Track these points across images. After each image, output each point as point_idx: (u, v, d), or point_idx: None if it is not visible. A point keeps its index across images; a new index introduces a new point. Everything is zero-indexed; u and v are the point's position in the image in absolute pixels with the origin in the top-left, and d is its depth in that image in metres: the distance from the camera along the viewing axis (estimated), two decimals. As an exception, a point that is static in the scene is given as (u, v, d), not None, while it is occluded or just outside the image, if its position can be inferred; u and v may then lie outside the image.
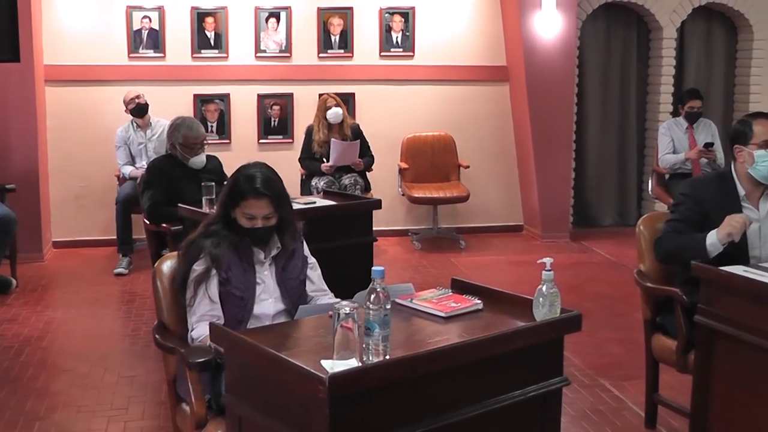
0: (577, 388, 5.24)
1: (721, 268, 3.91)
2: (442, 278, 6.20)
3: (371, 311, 2.70)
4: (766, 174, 4.19)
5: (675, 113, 9.32)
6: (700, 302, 3.99)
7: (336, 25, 9.04)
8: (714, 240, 4.06)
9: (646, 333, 4.54)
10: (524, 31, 8.90)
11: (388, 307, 2.73)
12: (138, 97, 8.13)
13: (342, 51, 9.09)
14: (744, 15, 9.98)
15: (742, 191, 4.25)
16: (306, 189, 8.01)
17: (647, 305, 4.48)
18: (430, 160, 9.11)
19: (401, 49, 9.20)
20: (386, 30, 9.14)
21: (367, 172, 8.40)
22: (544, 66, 8.97)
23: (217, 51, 8.85)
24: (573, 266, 8.18)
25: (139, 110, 8.11)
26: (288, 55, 8.97)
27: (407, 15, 9.15)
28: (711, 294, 3.94)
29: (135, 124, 8.19)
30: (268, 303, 3.69)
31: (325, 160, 8.14)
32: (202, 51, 8.83)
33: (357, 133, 8.30)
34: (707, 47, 10.26)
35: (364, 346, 2.72)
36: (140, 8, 8.70)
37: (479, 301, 3.34)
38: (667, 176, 8.47)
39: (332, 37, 9.05)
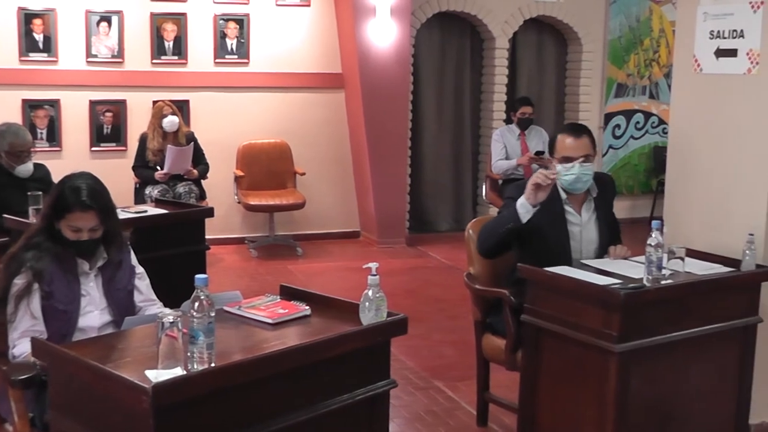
0: (412, 390, 5.31)
1: (546, 268, 4.03)
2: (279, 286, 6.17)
3: (195, 319, 2.67)
4: (566, 185, 4.34)
5: (508, 120, 9.54)
6: (527, 302, 4.12)
7: (169, 30, 8.90)
8: (522, 201, 4.16)
9: (477, 334, 4.64)
10: (359, 39, 8.96)
11: (213, 314, 2.70)
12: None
13: (176, 57, 8.95)
14: (573, 28, 10.34)
15: (563, 195, 4.39)
16: (140, 198, 7.84)
17: (477, 307, 4.58)
18: (266, 167, 9.06)
19: (236, 56, 9.12)
20: (221, 36, 9.05)
21: (202, 180, 8.30)
22: (379, 73, 9.05)
23: (46, 54, 8.56)
24: (409, 271, 8.28)
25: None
26: (120, 60, 8.77)
27: (242, 22, 9.09)
28: (536, 294, 4.06)
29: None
30: (93, 315, 3.59)
31: (159, 168, 8.00)
32: (30, 54, 8.53)
33: (192, 141, 8.19)
34: (539, 57, 10.57)
35: (188, 354, 2.69)
36: (-39, 8, 8.38)
37: (307, 307, 3.34)
38: (500, 181, 8.67)
39: (166, 43, 8.90)
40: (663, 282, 3.88)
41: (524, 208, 4.18)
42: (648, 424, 3.98)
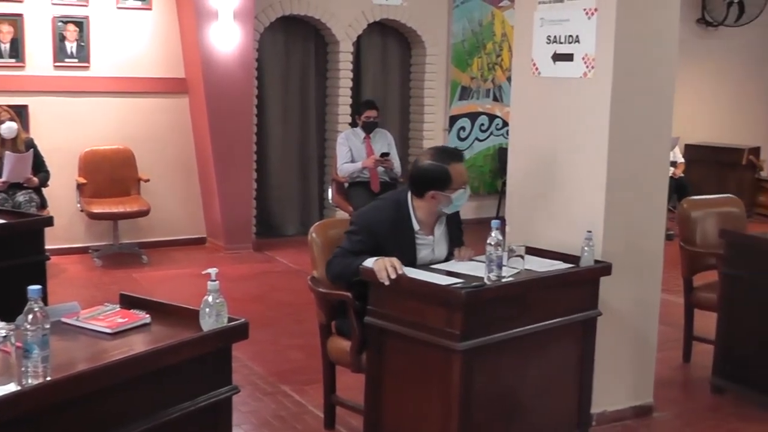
0: (260, 396, 5.29)
1: None
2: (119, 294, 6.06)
3: (29, 332, 2.60)
4: (454, 209, 4.42)
5: (353, 124, 9.59)
6: (370, 304, 4.15)
7: (5, 32, 8.59)
8: (368, 266, 4.13)
9: (322, 337, 4.65)
10: (202, 43, 8.87)
11: (47, 326, 2.63)
12: None
13: (13, 60, 8.65)
14: (416, 32, 10.49)
15: (416, 226, 4.40)
16: (-24, 208, 7.58)
17: (322, 310, 4.59)
18: (110, 174, 8.87)
19: (76, 60, 8.90)
20: (60, 39, 8.80)
21: (42, 189, 8.08)
22: (222, 78, 8.98)
23: None
24: (256, 276, 8.25)
25: None
26: (-46, 64, 8.48)
27: (81, 24, 8.86)
28: (379, 295, 4.11)
29: None
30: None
31: (-3, 176, 7.75)
32: None
33: (31, 148, 7.96)
34: (383, 61, 10.67)
35: (23, 368, 2.62)
36: None
37: (147, 315, 3.29)
38: (346, 185, 8.69)
39: (2, 45, 8.59)
40: (504, 280, 3.98)
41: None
42: (493, 419, 4.07)
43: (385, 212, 4.42)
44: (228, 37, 8.91)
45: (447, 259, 4.49)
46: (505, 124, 11.17)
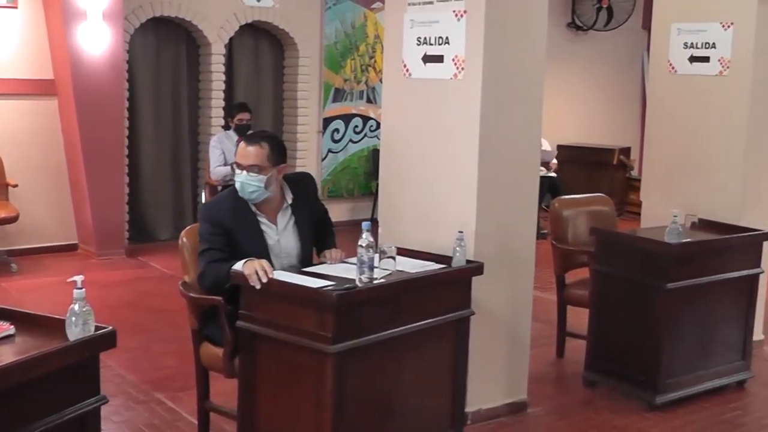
0: (133, 405, 5.18)
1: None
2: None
3: None
4: (239, 192, 4.33)
5: (226, 127, 9.48)
6: (242, 308, 4.10)
7: None
8: (238, 269, 4.08)
9: (195, 343, 4.57)
10: (70, 44, 8.64)
11: None
12: None
13: None
14: (289, 33, 10.45)
15: (254, 209, 4.38)
16: None
17: (193, 315, 4.50)
18: (-25, 179, 8.61)
19: (-63, 62, 8.60)
20: None
21: None
22: (92, 79, 8.77)
23: None
24: (129, 282, 8.09)
25: None
26: None
27: (-58, 25, 8.58)
28: (251, 300, 4.06)
29: None
30: None
31: None
32: None
33: None
34: (256, 63, 10.60)
35: None
36: None
37: (11, 326, 3.17)
38: (219, 188, 8.59)
39: None
40: (375, 282, 3.98)
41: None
42: (367, 421, 4.07)
43: (225, 201, 4.42)
44: (97, 38, 8.71)
45: (303, 254, 4.47)
46: (379, 125, 11.10)
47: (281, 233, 4.43)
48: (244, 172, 4.28)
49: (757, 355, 6.14)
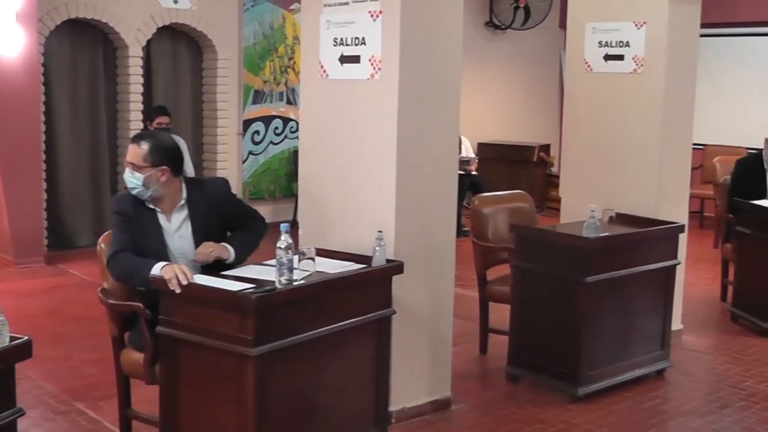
0: (53, 416, 5.11)
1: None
2: None
3: None
4: (133, 192, 4.37)
5: (145, 130, 9.37)
6: (162, 313, 4.07)
7: None
8: (157, 274, 4.08)
9: (115, 350, 4.53)
10: (-18, 47, 8.49)
11: None
12: None
13: None
14: (207, 35, 10.38)
15: (150, 204, 4.41)
16: None
17: (113, 322, 4.46)
18: None
19: None
20: None
21: None
22: (6, 83, 8.59)
23: None
24: (49, 291, 7.95)
25: None
26: None
27: None
28: (170, 304, 4.04)
29: None
30: None
31: None
32: None
33: None
34: (174, 65, 10.51)
35: None
36: None
37: None
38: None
39: None
40: (295, 283, 3.98)
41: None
42: (290, 423, 4.06)
43: (126, 195, 4.46)
44: (10, 41, 8.54)
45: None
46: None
47: (175, 231, 4.42)
48: (128, 169, 4.34)
49: (676, 344, 6.27)
